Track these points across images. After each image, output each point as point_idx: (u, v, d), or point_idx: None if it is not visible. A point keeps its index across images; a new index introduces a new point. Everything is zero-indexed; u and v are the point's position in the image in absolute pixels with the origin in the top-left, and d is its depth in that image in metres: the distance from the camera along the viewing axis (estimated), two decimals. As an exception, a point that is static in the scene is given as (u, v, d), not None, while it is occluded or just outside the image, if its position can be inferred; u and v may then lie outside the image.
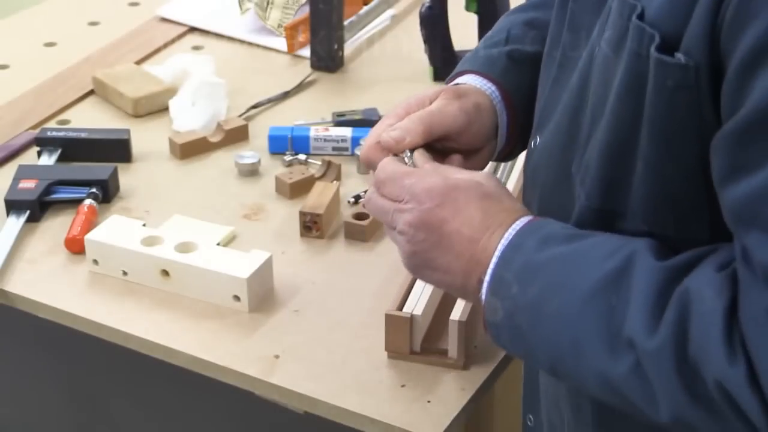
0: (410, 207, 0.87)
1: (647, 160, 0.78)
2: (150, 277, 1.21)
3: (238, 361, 1.11)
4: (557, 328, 0.78)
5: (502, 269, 0.82)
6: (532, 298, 0.80)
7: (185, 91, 1.55)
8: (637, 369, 0.73)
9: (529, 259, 0.81)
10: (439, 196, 0.86)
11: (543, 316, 0.79)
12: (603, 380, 0.76)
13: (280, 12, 1.78)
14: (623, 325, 0.74)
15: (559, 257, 0.80)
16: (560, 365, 0.80)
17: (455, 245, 0.85)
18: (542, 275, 0.80)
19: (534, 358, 0.84)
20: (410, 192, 0.87)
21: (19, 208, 1.32)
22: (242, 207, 1.36)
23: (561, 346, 0.78)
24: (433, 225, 0.85)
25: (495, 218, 0.84)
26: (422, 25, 1.62)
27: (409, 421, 1.03)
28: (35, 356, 1.40)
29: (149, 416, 1.35)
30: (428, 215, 0.85)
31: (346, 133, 1.46)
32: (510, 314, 0.81)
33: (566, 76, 0.89)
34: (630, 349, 0.73)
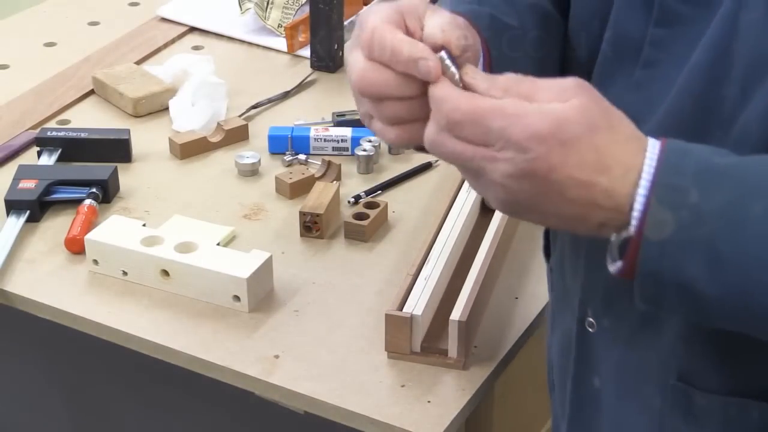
0: (509, 156, 0.72)
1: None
2: (150, 277, 1.21)
3: (238, 361, 1.11)
4: (764, 235, 0.68)
5: (669, 176, 0.71)
6: (723, 203, 0.69)
7: (185, 91, 1.55)
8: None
9: (707, 162, 0.71)
10: (544, 142, 0.71)
11: (743, 223, 0.68)
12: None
13: (280, 12, 1.78)
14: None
15: (747, 162, 0.71)
16: (761, 280, 0.68)
17: (569, 191, 0.72)
18: (732, 179, 0.70)
19: (713, 280, 0.70)
20: (505, 137, 0.72)
21: (19, 208, 1.32)
22: (242, 207, 1.36)
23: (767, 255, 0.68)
24: (540, 174, 0.72)
25: (611, 155, 0.72)
26: (422, 25, 1.62)
27: (409, 421, 1.03)
28: (35, 356, 1.40)
29: (149, 416, 1.35)
30: (533, 165, 0.72)
31: (346, 133, 1.46)
32: (689, 226, 0.69)
33: (659, 76, 0.82)
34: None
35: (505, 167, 0.72)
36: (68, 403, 1.41)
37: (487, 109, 0.73)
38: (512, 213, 0.78)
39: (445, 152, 0.75)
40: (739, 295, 0.70)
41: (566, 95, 0.73)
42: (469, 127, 0.73)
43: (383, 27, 0.78)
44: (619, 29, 0.86)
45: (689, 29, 0.81)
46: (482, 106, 0.73)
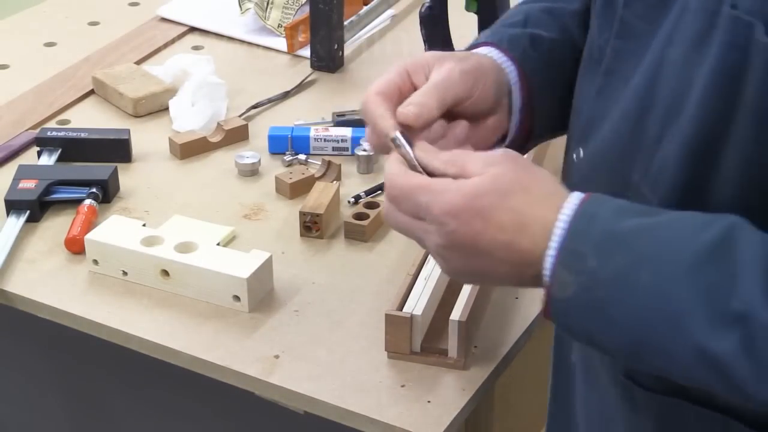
0: (434, 229, 0.81)
1: (743, 150, 0.74)
2: (150, 277, 1.21)
3: (238, 361, 1.11)
4: (649, 302, 0.73)
5: (574, 242, 0.77)
6: (616, 271, 0.75)
7: (185, 91, 1.55)
8: (748, 344, 0.70)
9: (608, 229, 0.76)
10: (461, 214, 0.79)
11: (631, 289, 0.74)
12: (701, 356, 0.72)
13: (280, 12, 1.78)
14: (731, 299, 0.70)
15: (645, 227, 0.75)
16: (646, 342, 0.75)
17: (495, 253, 0.79)
18: (628, 247, 0.75)
19: (609, 336, 0.77)
20: (429, 213, 0.81)
21: (19, 208, 1.32)
22: (242, 207, 1.36)
23: (651, 320, 0.73)
24: (465, 243, 0.80)
25: (529, 215, 0.79)
26: (422, 25, 1.62)
27: (409, 421, 1.03)
28: (35, 356, 1.40)
29: (149, 416, 1.35)
30: (456, 236, 0.80)
31: (346, 133, 1.46)
32: (586, 288, 0.76)
33: (617, 85, 0.86)
34: (740, 323, 0.70)
35: (435, 238, 0.81)
36: (68, 403, 1.41)
37: (415, 186, 0.82)
38: (457, 277, 0.86)
39: (395, 225, 0.85)
40: (633, 351, 0.76)
41: (487, 166, 0.81)
42: (404, 202, 0.83)
43: (371, 98, 0.91)
44: (592, 36, 0.91)
45: (638, 45, 0.84)
46: (412, 183, 0.82)
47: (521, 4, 1.08)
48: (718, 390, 0.74)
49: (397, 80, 0.91)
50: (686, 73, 0.77)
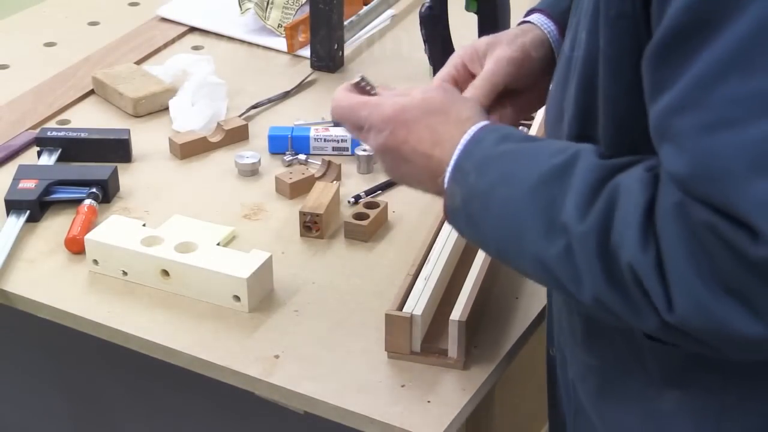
0: (372, 135, 0.96)
1: (603, 90, 0.84)
2: (150, 277, 1.21)
3: (238, 361, 1.11)
4: (503, 215, 0.85)
5: (463, 160, 0.89)
6: (484, 186, 0.87)
7: (185, 91, 1.55)
8: (567, 251, 0.80)
9: (487, 152, 0.88)
10: (391, 122, 0.95)
11: (492, 203, 0.86)
12: (539, 262, 0.83)
13: (280, 12, 1.78)
14: (560, 212, 0.80)
15: (513, 151, 0.87)
16: (504, 250, 0.87)
17: (416, 160, 0.93)
18: (496, 166, 0.87)
19: (484, 243, 0.91)
20: (369, 122, 0.96)
21: (19, 208, 1.32)
22: (242, 207, 1.36)
23: (505, 231, 0.85)
24: (393, 148, 0.95)
25: (443, 133, 0.92)
26: (422, 25, 1.62)
27: (409, 421, 1.03)
28: (35, 356, 1.40)
29: (149, 416, 1.35)
30: (386, 141, 0.95)
31: (346, 133, 1.46)
32: (465, 201, 0.88)
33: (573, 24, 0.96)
34: (564, 233, 0.80)
35: (373, 142, 0.97)
36: (68, 403, 1.41)
37: (356, 102, 0.99)
38: (391, 177, 1.00)
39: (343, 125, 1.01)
40: (501, 256, 0.89)
41: (423, 92, 0.96)
42: (348, 117, 0.99)
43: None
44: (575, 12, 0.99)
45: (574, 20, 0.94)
46: (353, 99, 0.99)
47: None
48: (560, 292, 0.87)
49: (453, 73, 1.06)
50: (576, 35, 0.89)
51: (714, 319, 0.73)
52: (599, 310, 0.81)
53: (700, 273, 0.73)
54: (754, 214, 0.70)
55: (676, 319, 0.75)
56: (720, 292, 0.73)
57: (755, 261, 0.70)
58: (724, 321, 0.73)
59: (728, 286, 0.73)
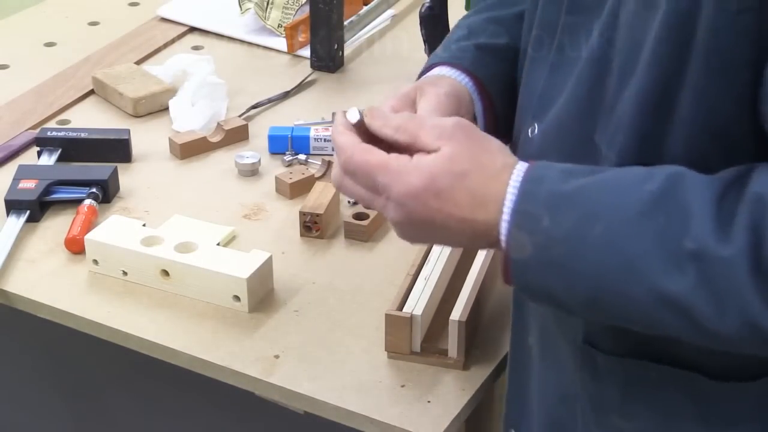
0: (393, 206, 0.84)
1: (698, 94, 0.77)
2: (150, 277, 1.21)
3: (238, 361, 1.11)
4: (604, 254, 0.77)
5: (525, 204, 0.80)
6: (569, 228, 0.78)
7: (185, 91, 1.55)
8: (704, 279, 0.73)
9: (556, 190, 0.79)
10: (419, 196, 0.82)
11: (586, 244, 0.77)
12: (661, 298, 0.75)
13: (280, 12, 1.78)
14: (684, 239, 0.74)
15: (591, 185, 0.79)
16: (606, 292, 0.77)
17: (451, 226, 0.83)
18: (577, 204, 0.78)
19: (568, 291, 0.80)
20: (387, 192, 0.83)
21: (19, 208, 1.32)
22: (242, 207, 1.36)
23: (608, 270, 0.77)
24: (422, 220, 0.83)
25: (484, 193, 0.82)
26: (422, 25, 1.62)
27: (409, 421, 1.03)
28: (35, 356, 1.40)
29: (149, 416, 1.35)
30: (413, 216, 0.83)
31: (346, 133, 1.46)
32: (543, 248, 0.79)
33: (571, 56, 0.89)
34: (695, 261, 0.73)
35: (394, 214, 0.84)
36: (68, 403, 1.41)
37: (374, 164, 0.84)
38: (410, 241, 0.88)
39: (346, 192, 0.88)
40: (592, 303, 0.79)
41: (443, 139, 0.83)
42: (362, 177, 0.85)
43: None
44: (543, 14, 0.94)
45: (590, 19, 0.87)
46: (371, 161, 0.84)
47: (463, 19, 1.12)
48: (681, 332, 0.77)
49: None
50: (638, 29, 0.80)
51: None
52: (748, 336, 0.73)
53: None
54: None
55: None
56: None
57: None
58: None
59: None
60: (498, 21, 1.06)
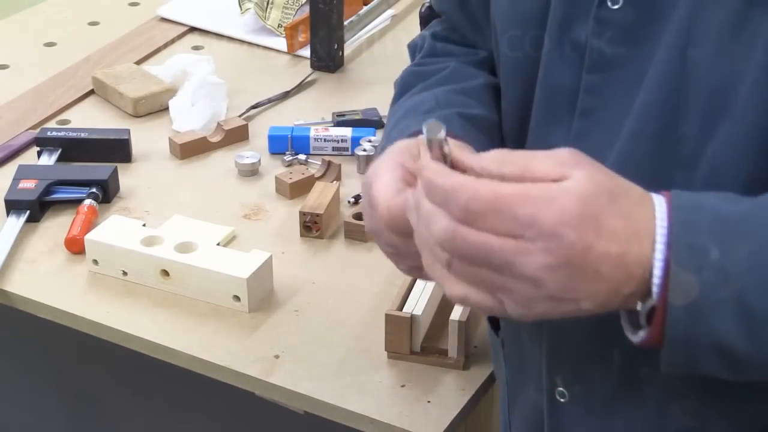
0: (542, 246, 0.66)
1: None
2: (150, 277, 1.21)
3: (238, 361, 1.11)
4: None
5: (685, 236, 0.67)
6: (745, 256, 0.66)
7: (185, 91, 1.55)
8: None
9: (723, 214, 0.67)
10: (576, 221, 0.66)
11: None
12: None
13: (280, 12, 1.78)
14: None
15: (758, 206, 0.67)
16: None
17: (602, 267, 0.67)
18: (749, 228, 0.66)
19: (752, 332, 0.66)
20: (537, 226, 0.66)
21: (19, 208, 1.32)
22: (242, 207, 1.36)
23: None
24: (578, 259, 0.66)
25: (639, 219, 0.68)
26: (422, 25, 1.62)
27: (409, 421, 1.03)
28: (35, 356, 1.40)
29: (149, 416, 1.35)
30: (572, 250, 0.66)
31: (346, 133, 1.46)
32: (716, 284, 0.66)
33: (596, 124, 0.80)
34: None
35: (541, 259, 0.66)
36: (68, 403, 1.41)
37: (509, 195, 0.66)
38: (539, 314, 0.70)
39: (466, 246, 0.68)
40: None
41: (567, 166, 0.68)
42: (493, 217, 0.66)
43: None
44: (551, 79, 0.83)
45: (626, 71, 0.78)
46: (504, 192, 0.66)
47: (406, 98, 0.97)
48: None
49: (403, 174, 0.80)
50: (726, 67, 0.72)
51: None
52: None
53: None
54: None
55: None
56: None
57: None
58: None
59: None
60: (466, 92, 0.93)
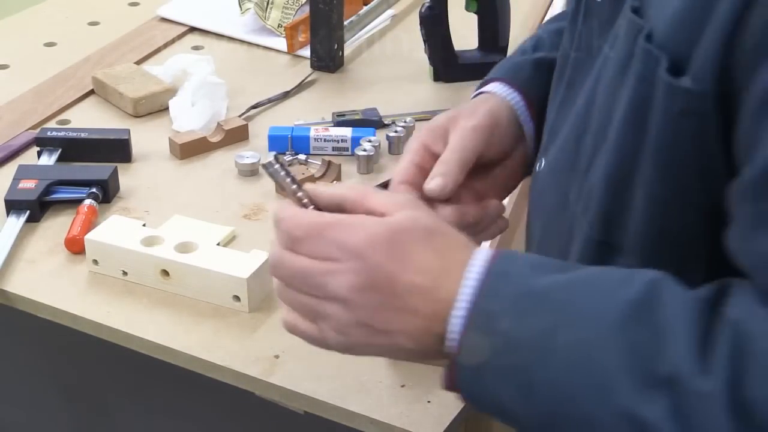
0: (350, 266, 0.72)
1: (648, 191, 0.73)
2: (150, 277, 1.21)
3: (238, 361, 1.11)
4: (571, 365, 0.68)
5: (486, 301, 0.71)
6: (535, 331, 0.69)
7: (185, 91, 1.55)
8: (678, 410, 0.65)
9: (522, 287, 0.71)
10: (384, 247, 0.72)
11: (551, 352, 0.69)
12: (628, 421, 0.66)
13: (280, 12, 1.78)
14: (658, 361, 0.66)
15: (563, 284, 0.71)
16: (569, 406, 0.69)
17: (409, 299, 0.72)
18: (546, 305, 0.70)
19: (525, 405, 0.71)
20: (347, 247, 0.73)
21: (19, 208, 1.32)
22: (242, 207, 1.36)
23: (574, 385, 0.68)
24: (384, 283, 0.72)
25: (451, 257, 0.73)
26: (422, 25, 1.62)
27: (409, 421, 1.03)
28: (35, 356, 1.40)
29: (149, 416, 1.35)
30: (377, 272, 0.72)
31: (346, 133, 1.46)
32: (501, 352, 0.70)
33: (573, 98, 0.87)
34: (670, 387, 0.65)
35: (348, 278, 0.72)
36: (68, 403, 1.41)
37: (327, 222, 0.74)
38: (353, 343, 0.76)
39: (287, 270, 0.77)
40: (550, 416, 0.70)
41: (397, 206, 0.75)
42: (311, 242, 0.74)
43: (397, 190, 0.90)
44: (562, 47, 0.93)
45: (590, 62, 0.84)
46: (322, 220, 0.75)
47: (545, 23, 1.10)
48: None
49: (416, 159, 0.92)
50: (611, 99, 0.77)
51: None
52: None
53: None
54: None
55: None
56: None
57: None
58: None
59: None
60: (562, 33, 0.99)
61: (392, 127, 1.48)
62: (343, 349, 0.77)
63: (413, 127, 1.49)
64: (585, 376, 0.68)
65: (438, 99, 1.60)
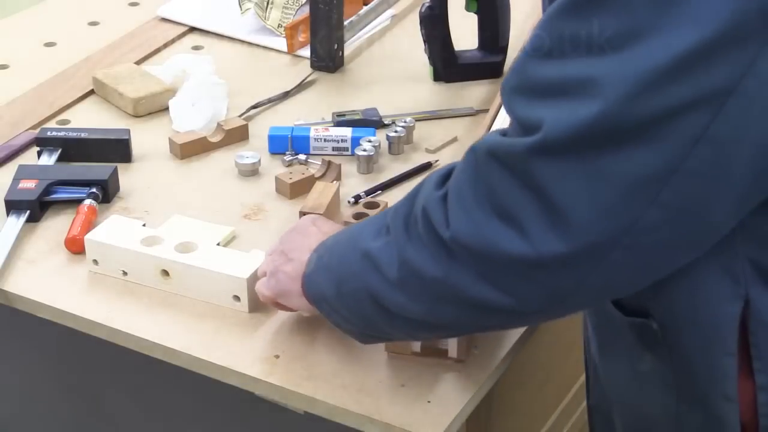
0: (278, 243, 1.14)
1: None
2: (150, 277, 1.21)
3: (238, 361, 1.11)
4: (346, 248, 1.01)
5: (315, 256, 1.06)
6: (330, 242, 1.05)
7: (185, 91, 1.55)
8: (387, 238, 0.95)
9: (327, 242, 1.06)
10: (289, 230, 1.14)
11: (335, 245, 1.03)
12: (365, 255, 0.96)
13: (280, 12, 1.78)
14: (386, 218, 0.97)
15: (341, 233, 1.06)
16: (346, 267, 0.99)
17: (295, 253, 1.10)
18: (339, 234, 1.06)
19: (337, 278, 1.01)
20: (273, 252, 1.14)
21: (19, 208, 1.32)
22: (242, 207, 1.36)
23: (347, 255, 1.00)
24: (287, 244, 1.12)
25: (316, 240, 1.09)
26: (422, 25, 1.62)
27: (409, 421, 1.03)
28: (35, 356, 1.40)
29: (149, 416, 1.35)
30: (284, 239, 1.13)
31: (346, 133, 1.46)
32: (320, 257, 1.05)
33: None
34: (387, 231, 0.96)
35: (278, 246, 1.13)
36: (68, 402, 1.41)
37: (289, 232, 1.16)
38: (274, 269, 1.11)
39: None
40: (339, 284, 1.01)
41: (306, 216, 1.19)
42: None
43: None
44: None
45: None
46: None
47: None
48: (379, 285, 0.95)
49: None
50: None
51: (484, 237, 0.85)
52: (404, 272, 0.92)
53: (476, 196, 0.86)
54: None
55: (451, 234, 0.86)
56: (491, 214, 0.84)
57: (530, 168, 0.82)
58: (493, 240, 0.84)
59: (500, 210, 0.84)
60: None
61: (392, 127, 1.48)
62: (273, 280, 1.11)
63: (413, 127, 1.49)
64: (347, 245, 1.01)
65: (438, 99, 1.60)
